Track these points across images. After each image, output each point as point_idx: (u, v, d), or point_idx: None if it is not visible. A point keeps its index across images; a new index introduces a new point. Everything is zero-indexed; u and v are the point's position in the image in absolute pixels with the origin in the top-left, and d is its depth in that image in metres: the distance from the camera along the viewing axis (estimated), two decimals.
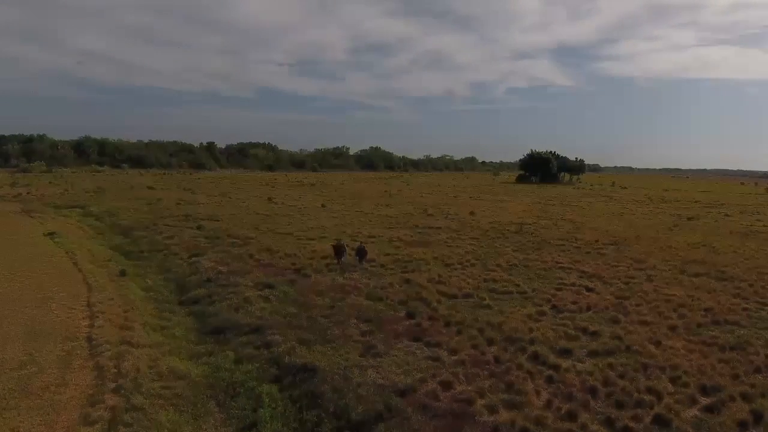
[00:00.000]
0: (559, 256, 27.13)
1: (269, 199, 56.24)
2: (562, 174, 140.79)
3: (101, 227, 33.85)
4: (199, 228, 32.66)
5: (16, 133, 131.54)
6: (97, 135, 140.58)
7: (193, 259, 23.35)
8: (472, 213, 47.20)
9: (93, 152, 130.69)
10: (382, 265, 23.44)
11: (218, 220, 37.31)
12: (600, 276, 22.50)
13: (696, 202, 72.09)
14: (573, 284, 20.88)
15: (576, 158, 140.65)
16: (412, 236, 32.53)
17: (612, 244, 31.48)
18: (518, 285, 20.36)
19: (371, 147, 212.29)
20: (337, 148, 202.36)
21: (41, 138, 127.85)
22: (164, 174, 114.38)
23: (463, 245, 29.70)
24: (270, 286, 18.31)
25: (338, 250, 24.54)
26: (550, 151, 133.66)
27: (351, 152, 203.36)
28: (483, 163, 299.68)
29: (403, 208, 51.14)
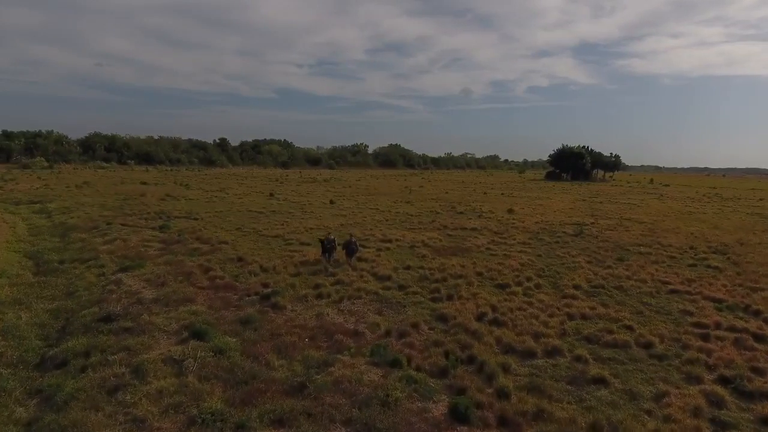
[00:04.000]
0: (656, 270, 18.75)
1: (270, 194, 48.60)
2: (595, 171, 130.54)
3: (43, 226, 26.59)
4: (161, 229, 25.07)
5: (24, 130, 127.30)
6: (108, 132, 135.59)
7: (118, 275, 15.64)
8: (510, 211, 38.77)
9: (100, 148, 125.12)
10: (402, 287, 15.43)
11: (196, 219, 29.73)
12: (748, 306, 14.14)
13: (761, 200, 62.47)
14: (718, 325, 12.58)
15: (611, 154, 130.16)
16: (441, 240, 24.40)
17: (716, 252, 22.95)
18: (630, 328, 12.15)
19: (390, 144, 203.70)
20: (355, 145, 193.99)
21: (46, 134, 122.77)
22: (170, 170, 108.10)
23: (512, 253, 21.50)
24: (201, 335, 10.34)
25: (326, 246, 18.41)
26: (583, 146, 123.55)
27: (369, 150, 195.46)
28: (505, 161, 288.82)
29: (426, 205, 42.97)
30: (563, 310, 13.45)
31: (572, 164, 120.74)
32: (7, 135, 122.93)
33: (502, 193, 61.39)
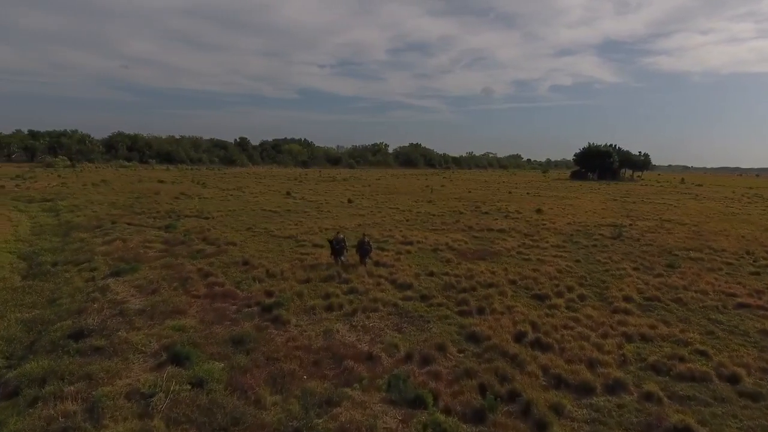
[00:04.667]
0: (715, 279, 16.35)
1: (287, 193, 47.07)
2: (623, 170, 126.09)
3: (48, 225, 25.38)
4: (167, 228, 23.59)
5: (50, 130, 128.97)
6: (130, 131, 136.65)
7: (108, 281, 14.03)
8: (538, 211, 36.38)
9: (122, 147, 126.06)
10: (425, 297, 13.45)
11: (207, 218, 28.24)
12: None
13: None
14: None
15: (639, 152, 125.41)
16: (466, 243, 22.32)
17: None
18: (705, 354, 9.97)
19: (411, 144, 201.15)
20: (375, 144, 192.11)
21: (70, 134, 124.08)
22: (190, 169, 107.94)
23: (547, 257, 19.32)
24: (182, 360, 8.52)
25: (335, 247, 16.86)
26: (610, 145, 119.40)
27: (389, 149, 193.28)
28: (528, 161, 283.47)
29: (448, 204, 40.83)
30: (617, 329, 11.29)
31: (599, 163, 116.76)
32: (33, 135, 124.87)
33: (528, 193, 58.78)
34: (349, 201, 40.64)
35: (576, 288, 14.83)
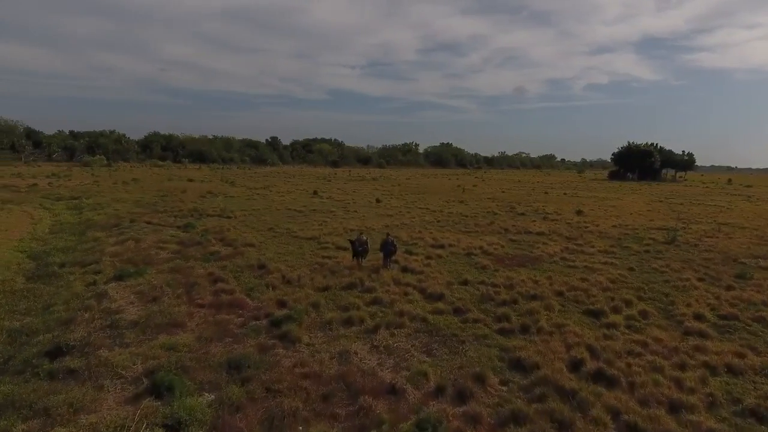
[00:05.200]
0: None
1: (314, 192, 45.84)
2: (664, 170, 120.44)
3: (68, 223, 24.71)
4: (185, 228, 22.49)
5: (90, 130, 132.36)
6: (166, 132, 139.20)
7: (108, 285, 12.79)
8: (579, 212, 33.96)
9: (157, 147, 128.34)
10: (459, 310, 11.68)
11: (229, 217, 27.13)
12: None
13: None
14: None
15: (683, 152, 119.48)
16: (503, 247, 20.38)
17: None
18: None
19: (441, 143, 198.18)
20: (406, 144, 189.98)
21: (108, 134, 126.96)
22: (222, 168, 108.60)
23: (595, 265, 17.21)
24: (164, 390, 7.03)
25: (357, 248, 15.59)
26: (651, 144, 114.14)
27: (420, 149, 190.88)
28: (562, 161, 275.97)
29: (481, 205, 38.74)
30: (696, 357, 9.26)
31: (639, 163, 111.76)
32: (74, 135, 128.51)
33: (565, 193, 55.94)
34: (377, 201, 39.04)
35: (635, 302, 12.78)
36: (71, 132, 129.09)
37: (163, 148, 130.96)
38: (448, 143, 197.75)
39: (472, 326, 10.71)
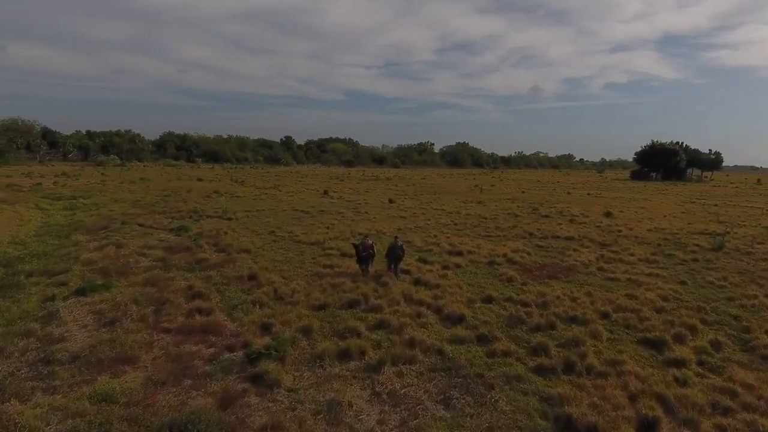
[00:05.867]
0: None
1: (325, 192, 43.84)
2: (689, 170, 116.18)
3: (57, 225, 22.90)
4: (178, 231, 20.59)
5: (106, 130, 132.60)
6: (180, 131, 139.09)
7: (68, 301, 10.83)
8: (608, 214, 31.37)
9: (171, 147, 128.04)
10: (482, 339, 9.45)
11: (229, 219, 25.23)
12: None
13: None
14: None
15: (710, 151, 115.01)
16: (529, 254, 18.05)
17: None
18: None
19: (457, 143, 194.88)
20: (421, 143, 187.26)
21: (123, 133, 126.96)
22: (235, 168, 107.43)
23: (639, 276, 14.81)
24: None
25: (362, 253, 13.58)
26: (677, 142, 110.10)
27: (435, 148, 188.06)
28: (581, 160, 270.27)
29: (501, 206, 36.31)
30: None
31: (663, 162, 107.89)
32: (90, 135, 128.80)
33: (588, 193, 53.12)
34: (390, 201, 36.87)
35: (700, 328, 10.40)
36: (88, 132, 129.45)
37: (177, 148, 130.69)
38: (464, 143, 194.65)
39: (502, 362, 8.47)
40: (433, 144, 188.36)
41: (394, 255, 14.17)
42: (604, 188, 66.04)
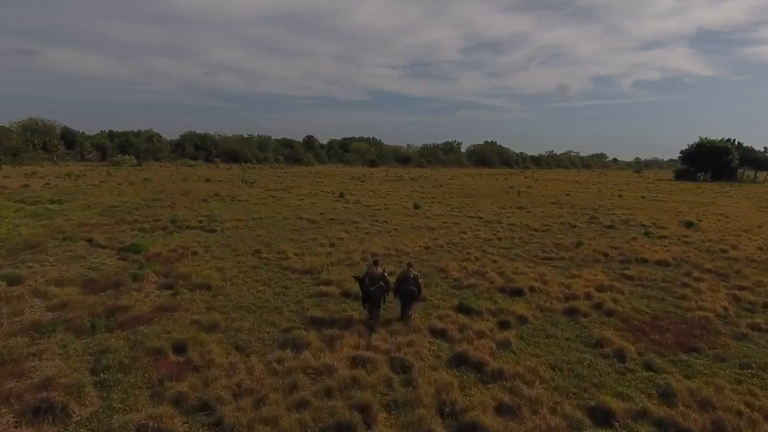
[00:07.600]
0: None
1: (340, 195, 38.34)
2: (742, 170, 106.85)
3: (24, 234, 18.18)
4: (125, 252, 15.35)
5: (128, 130, 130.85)
6: (200, 131, 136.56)
7: None
8: (689, 225, 24.97)
9: (190, 146, 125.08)
10: None
11: (212, 231, 20.01)
12: None
13: None
14: None
15: (765, 149, 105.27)
16: (622, 292, 12.10)
17: None
18: None
19: (485, 142, 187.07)
20: (447, 143, 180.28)
21: (141, 134, 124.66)
22: (254, 168, 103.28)
23: None
24: None
25: (368, 287, 9.17)
26: (728, 140, 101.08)
27: (462, 148, 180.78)
28: (614, 160, 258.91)
29: (548, 212, 30.18)
30: None
31: (712, 161, 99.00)
32: (111, 135, 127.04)
33: (643, 197, 46.20)
34: (416, 207, 30.99)
35: None
36: (109, 132, 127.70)
37: (197, 148, 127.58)
38: (492, 142, 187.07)
39: None
40: (460, 143, 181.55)
41: (405, 293, 8.81)
42: (653, 190, 58.82)
